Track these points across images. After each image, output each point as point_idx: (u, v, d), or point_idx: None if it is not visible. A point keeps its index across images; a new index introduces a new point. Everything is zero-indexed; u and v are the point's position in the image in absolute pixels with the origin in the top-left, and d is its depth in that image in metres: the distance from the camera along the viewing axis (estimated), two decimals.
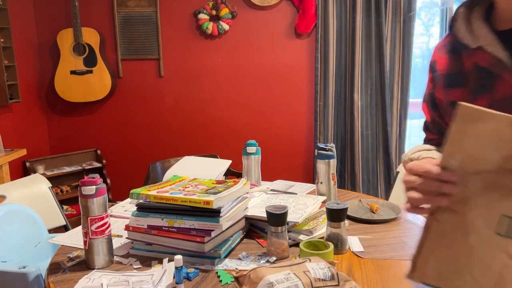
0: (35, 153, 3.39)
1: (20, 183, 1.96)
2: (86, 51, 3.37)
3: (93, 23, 3.45)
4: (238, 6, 3.47)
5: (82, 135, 3.67)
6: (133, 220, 1.20)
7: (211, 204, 1.09)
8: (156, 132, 3.68)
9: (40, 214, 1.74)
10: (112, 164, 3.64)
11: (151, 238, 1.18)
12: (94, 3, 3.48)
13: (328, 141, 3.49)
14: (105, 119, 3.65)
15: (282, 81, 3.58)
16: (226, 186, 1.25)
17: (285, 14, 3.47)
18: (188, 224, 1.13)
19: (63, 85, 3.39)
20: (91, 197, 1.10)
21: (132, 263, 1.15)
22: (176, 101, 3.61)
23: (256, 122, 3.64)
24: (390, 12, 3.31)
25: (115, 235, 1.32)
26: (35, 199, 1.88)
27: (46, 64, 3.53)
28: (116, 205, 1.61)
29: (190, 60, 3.56)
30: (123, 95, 3.61)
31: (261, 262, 1.13)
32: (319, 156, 1.55)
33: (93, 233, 1.12)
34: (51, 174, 3.24)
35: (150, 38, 3.51)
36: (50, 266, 1.16)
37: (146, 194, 1.18)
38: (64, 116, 3.65)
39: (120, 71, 3.56)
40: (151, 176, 2.46)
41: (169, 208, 1.15)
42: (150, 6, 3.47)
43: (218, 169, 1.81)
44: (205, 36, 3.52)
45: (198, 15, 3.45)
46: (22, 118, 3.30)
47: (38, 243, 1.67)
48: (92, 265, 1.13)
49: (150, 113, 3.65)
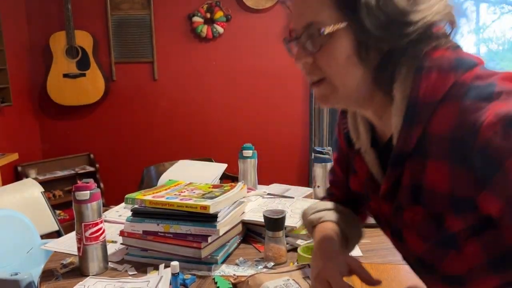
0: (27, 157, 3.34)
1: (12, 188, 1.93)
2: (79, 54, 3.34)
3: (86, 26, 3.42)
4: (233, 9, 3.46)
5: (75, 139, 3.63)
6: (128, 225, 1.18)
7: (208, 209, 1.08)
8: (150, 135, 3.65)
9: (32, 219, 1.71)
10: (105, 168, 3.61)
11: (146, 244, 1.16)
12: (87, 5, 3.46)
13: (324, 144, 3.49)
14: (98, 122, 3.62)
15: (277, 84, 3.57)
16: (222, 190, 1.24)
17: (279, 17, 3.47)
18: (185, 229, 1.11)
19: (55, 89, 3.35)
20: (85, 203, 1.08)
21: (127, 270, 1.13)
22: (170, 104, 3.59)
23: (251, 126, 3.63)
24: None
25: (110, 241, 1.29)
26: (27, 204, 1.85)
27: (38, 67, 3.49)
28: (110, 210, 1.59)
29: (184, 63, 3.54)
30: (117, 99, 3.58)
31: (258, 268, 1.11)
32: (316, 160, 1.54)
33: (87, 239, 1.09)
34: (43, 178, 3.20)
35: (144, 41, 3.49)
36: (42, 273, 1.14)
37: (141, 199, 1.16)
38: (57, 120, 3.61)
39: (113, 74, 3.54)
40: (145, 180, 2.44)
41: (165, 213, 1.14)
42: (144, 9, 3.45)
43: (214, 173, 1.80)
44: (200, 39, 3.50)
45: (192, 18, 3.43)
46: (14, 122, 3.26)
47: (30, 249, 1.65)
48: (86, 272, 1.11)
49: (144, 116, 3.63)
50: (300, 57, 0.67)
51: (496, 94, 0.56)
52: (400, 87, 0.64)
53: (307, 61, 0.67)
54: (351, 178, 0.84)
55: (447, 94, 0.60)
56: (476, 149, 0.54)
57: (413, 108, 0.61)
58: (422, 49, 0.62)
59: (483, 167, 0.54)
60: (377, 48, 0.62)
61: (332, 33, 0.62)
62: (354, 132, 0.78)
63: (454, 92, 0.59)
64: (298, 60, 0.68)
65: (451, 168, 0.58)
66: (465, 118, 0.56)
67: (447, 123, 0.58)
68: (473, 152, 0.55)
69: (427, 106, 0.60)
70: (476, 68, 0.61)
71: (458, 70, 0.60)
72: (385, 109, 0.68)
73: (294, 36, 0.68)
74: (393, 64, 0.64)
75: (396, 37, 0.61)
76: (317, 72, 0.67)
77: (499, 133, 0.52)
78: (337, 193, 0.94)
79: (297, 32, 0.67)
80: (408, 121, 0.62)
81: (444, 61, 0.61)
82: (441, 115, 0.60)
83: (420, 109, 0.61)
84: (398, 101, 0.64)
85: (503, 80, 0.58)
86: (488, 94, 0.56)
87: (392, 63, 0.63)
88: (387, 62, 0.63)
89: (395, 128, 0.65)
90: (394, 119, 0.64)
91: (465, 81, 0.59)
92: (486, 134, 0.53)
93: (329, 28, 0.62)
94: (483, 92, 0.56)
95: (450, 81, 0.60)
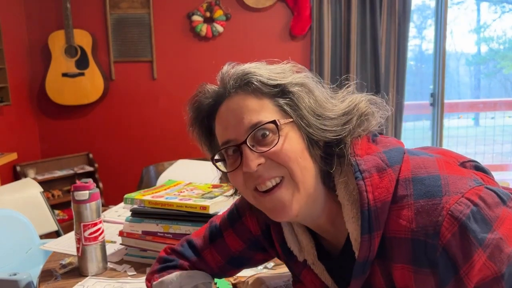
0: (26, 157, 3.33)
1: (11, 187, 1.92)
2: (78, 53, 3.33)
3: (85, 25, 3.40)
4: (232, 8, 3.45)
5: (73, 138, 3.62)
6: (127, 225, 1.17)
7: (208, 209, 1.07)
8: (150, 135, 3.64)
9: (31, 219, 1.70)
10: (104, 168, 3.59)
11: (146, 244, 1.15)
12: (86, 4, 3.44)
13: None
14: (97, 122, 3.61)
15: None
16: (222, 190, 1.23)
17: (279, 16, 3.46)
18: (184, 229, 1.10)
19: (54, 88, 3.34)
20: (84, 203, 1.07)
21: (127, 270, 1.13)
22: (170, 103, 3.58)
23: None
24: (385, 14, 3.32)
25: (109, 241, 1.28)
26: (26, 204, 1.84)
27: (37, 66, 3.48)
28: (109, 210, 1.58)
29: (184, 62, 3.53)
30: (116, 98, 3.57)
31: (259, 268, 1.10)
32: None
33: (86, 239, 1.09)
34: (42, 178, 3.19)
35: (143, 40, 3.48)
36: (41, 273, 1.13)
37: (140, 199, 1.16)
38: (56, 119, 3.60)
39: (112, 73, 3.52)
40: (145, 180, 2.43)
41: (164, 213, 1.13)
42: (143, 8, 3.44)
43: (213, 173, 1.79)
44: (199, 38, 3.49)
45: (191, 17, 3.42)
46: (13, 121, 3.25)
47: (29, 250, 1.64)
48: (85, 272, 1.10)
49: (143, 116, 3.62)
50: (253, 160, 0.64)
51: (443, 187, 0.58)
52: (345, 191, 0.65)
53: (260, 162, 0.64)
54: (297, 287, 0.81)
55: (394, 194, 0.61)
56: (439, 251, 0.56)
57: (368, 216, 0.61)
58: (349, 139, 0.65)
59: (443, 270, 0.57)
60: (317, 142, 0.65)
61: (284, 127, 0.64)
62: (295, 245, 0.75)
63: (402, 192, 0.61)
64: (251, 164, 0.63)
65: (415, 271, 0.60)
66: (423, 220, 0.58)
67: (405, 226, 0.59)
68: (437, 255, 0.57)
69: (381, 211, 0.61)
70: (406, 158, 0.64)
71: (393, 165, 0.62)
72: (336, 213, 0.68)
73: (233, 145, 0.66)
74: (330, 158, 0.66)
75: (328, 130, 0.64)
76: (274, 171, 0.64)
77: (457, 237, 0.55)
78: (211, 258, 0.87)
79: (238, 138, 0.65)
80: (367, 229, 0.61)
81: (376, 159, 0.63)
82: (396, 217, 0.61)
83: (376, 215, 0.61)
84: (347, 207, 0.65)
85: (442, 167, 0.61)
86: (436, 190, 0.58)
87: (330, 156, 0.66)
88: (329, 155, 0.66)
89: (353, 237, 0.64)
90: (350, 226, 0.65)
91: (406, 177, 0.61)
92: (446, 236, 0.56)
93: (282, 121, 0.64)
94: (431, 190, 0.59)
95: (393, 179, 0.61)
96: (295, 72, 0.69)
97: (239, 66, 0.71)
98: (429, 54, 4.12)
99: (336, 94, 0.70)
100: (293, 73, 0.69)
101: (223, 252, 0.86)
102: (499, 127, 4.52)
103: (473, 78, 6.31)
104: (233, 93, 0.68)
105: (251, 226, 0.83)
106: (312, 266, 0.74)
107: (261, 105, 0.65)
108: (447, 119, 4.00)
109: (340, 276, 0.72)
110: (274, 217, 0.67)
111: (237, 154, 0.66)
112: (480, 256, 0.55)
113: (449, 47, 5.65)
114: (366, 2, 3.29)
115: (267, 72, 0.68)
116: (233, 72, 0.69)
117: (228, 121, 0.67)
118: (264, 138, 0.64)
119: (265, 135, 0.64)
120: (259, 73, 0.67)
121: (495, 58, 5.91)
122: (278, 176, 0.65)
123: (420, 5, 4.79)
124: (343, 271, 0.69)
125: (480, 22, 5.81)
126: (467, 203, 0.56)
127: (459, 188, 0.58)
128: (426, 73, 4.28)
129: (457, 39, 5.70)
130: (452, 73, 5.99)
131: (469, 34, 5.82)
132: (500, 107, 4.56)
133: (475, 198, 0.57)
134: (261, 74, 0.67)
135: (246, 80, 0.67)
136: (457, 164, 0.66)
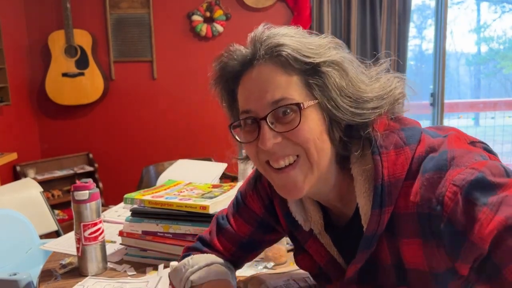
0: (26, 157, 3.33)
1: (11, 187, 1.92)
2: (78, 53, 3.33)
3: (85, 25, 3.40)
4: (232, 8, 3.45)
5: (73, 138, 3.61)
6: (127, 225, 1.17)
7: (208, 209, 1.07)
8: (149, 135, 3.64)
9: (31, 219, 1.70)
10: (104, 168, 3.59)
11: (145, 244, 1.15)
12: (86, 4, 3.44)
13: None
14: (97, 122, 3.61)
15: None
16: (222, 190, 1.23)
17: (279, 16, 3.46)
18: (184, 229, 1.11)
19: (54, 88, 3.34)
20: (84, 203, 1.07)
21: (127, 270, 1.13)
22: (170, 103, 3.58)
23: None
24: (385, 14, 3.32)
25: (109, 241, 1.28)
26: (26, 204, 1.84)
27: (37, 66, 3.47)
28: (109, 210, 1.58)
29: (184, 62, 3.53)
30: (116, 98, 3.57)
31: (258, 268, 1.10)
32: None
33: (86, 239, 1.09)
34: (42, 178, 3.19)
35: (143, 40, 3.48)
36: (41, 273, 1.13)
37: (140, 199, 1.16)
38: (56, 119, 3.60)
39: (112, 73, 3.52)
40: (145, 180, 2.43)
41: (164, 213, 1.13)
42: (143, 8, 3.44)
43: (214, 173, 1.79)
44: (199, 38, 3.49)
45: (191, 16, 3.42)
46: (13, 121, 3.25)
47: (29, 250, 1.64)
48: (85, 272, 1.10)
49: (143, 116, 3.62)
50: (270, 139, 0.63)
51: (449, 161, 0.58)
52: (359, 167, 0.65)
53: (277, 141, 0.63)
54: (299, 257, 0.82)
55: (408, 172, 0.61)
56: (443, 223, 0.56)
57: (381, 190, 0.61)
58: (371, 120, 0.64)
59: (451, 240, 0.56)
60: (339, 124, 0.64)
61: (307, 108, 0.63)
62: (301, 214, 0.75)
63: (415, 168, 0.61)
64: (267, 143, 0.63)
65: (424, 245, 0.60)
66: (428, 193, 0.58)
67: (411, 200, 0.60)
68: (441, 226, 0.56)
69: (394, 187, 0.61)
70: (423, 137, 0.64)
71: (410, 143, 0.63)
72: (347, 189, 0.68)
73: (252, 118, 0.65)
74: (350, 140, 0.65)
75: (357, 113, 0.63)
76: (289, 150, 0.64)
77: (460, 204, 0.55)
78: (229, 247, 0.88)
79: (259, 112, 0.64)
80: (379, 204, 0.61)
81: (395, 136, 0.64)
82: (405, 194, 0.61)
83: (389, 191, 0.61)
84: (359, 182, 0.65)
85: (450, 143, 0.61)
86: (442, 163, 0.59)
87: (350, 138, 0.65)
88: (348, 137, 0.65)
89: (363, 211, 0.64)
90: (361, 201, 0.64)
91: (420, 155, 0.62)
92: (449, 205, 0.56)
93: (306, 103, 0.62)
94: (437, 164, 0.59)
95: (409, 157, 0.62)
96: (331, 48, 0.65)
97: (274, 31, 0.66)
98: (429, 54, 4.12)
99: (370, 70, 0.68)
100: (330, 50, 0.64)
101: (233, 239, 0.87)
102: (499, 127, 4.52)
103: (473, 78, 6.31)
104: (262, 61, 0.65)
105: (255, 207, 0.84)
106: (318, 236, 0.74)
107: (289, 81, 0.63)
108: (447, 119, 4.01)
109: (345, 249, 0.72)
110: (282, 194, 0.67)
111: (255, 126, 0.65)
112: (487, 214, 0.53)
113: (449, 47, 5.65)
114: (366, 2, 3.29)
115: (302, 46, 0.63)
116: (266, 39, 0.65)
117: (251, 91, 0.65)
118: (285, 116, 0.63)
119: (286, 113, 0.63)
120: (293, 46, 0.63)
121: (495, 58, 5.90)
122: (293, 155, 0.64)
123: (420, 5, 4.78)
124: (348, 244, 0.69)
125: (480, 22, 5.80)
126: (471, 171, 0.56)
127: (465, 162, 0.58)
128: (426, 73, 4.27)
129: (457, 39, 5.69)
130: (452, 73, 5.98)
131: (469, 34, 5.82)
132: (500, 107, 4.56)
133: (480, 167, 0.56)
134: (295, 48, 0.63)
135: (278, 51, 0.63)
136: (467, 143, 0.65)
